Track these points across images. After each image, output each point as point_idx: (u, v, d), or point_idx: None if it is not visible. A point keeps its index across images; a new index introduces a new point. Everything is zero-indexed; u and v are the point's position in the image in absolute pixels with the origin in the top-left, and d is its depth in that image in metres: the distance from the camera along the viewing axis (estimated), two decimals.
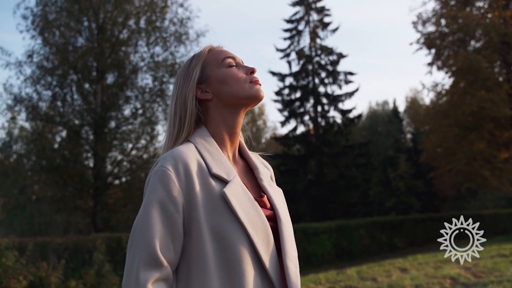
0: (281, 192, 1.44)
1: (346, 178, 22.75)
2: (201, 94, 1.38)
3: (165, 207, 1.18)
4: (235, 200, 1.22)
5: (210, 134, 1.36)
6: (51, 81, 16.13)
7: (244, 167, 1.43)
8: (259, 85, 1.39)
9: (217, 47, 1.47)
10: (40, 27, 16.01)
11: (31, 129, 17.39)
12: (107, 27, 16.32)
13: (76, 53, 16.07)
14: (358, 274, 8.09)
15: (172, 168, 1.21)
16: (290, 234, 1.32)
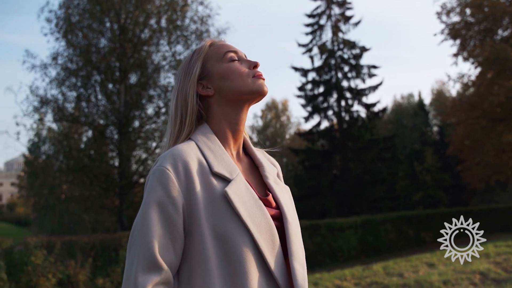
0: (288, 190, 1.40)
1: (372, 172, 22.51)
2: (202, 90, 1.34)
3: (164, 208, 1.15)
4: (237, 199, 1.18)
5: (213, 131, 1.32)
6: (75, 82, 16.38)
7: (249, 165, 1.38)
8: (262, 79, 1.33)
9: (219, 41, 1.43)
10: (64, 29, 16.25)
11: (58, 130, 17.73)
12: (128, 27, 16.48)
13: (99, 54, 16.28)
14: (384, 269, 7.98)
15: (171, 167, 1.17)
16: (297, 234, 1.28)
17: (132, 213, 16.50)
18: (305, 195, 23.35)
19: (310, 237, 14.67)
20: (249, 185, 1.24)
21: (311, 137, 24.19)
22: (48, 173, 21.94)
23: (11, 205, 53.52)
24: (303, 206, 23.25)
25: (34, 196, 31.42)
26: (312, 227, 14.80)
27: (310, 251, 14.35)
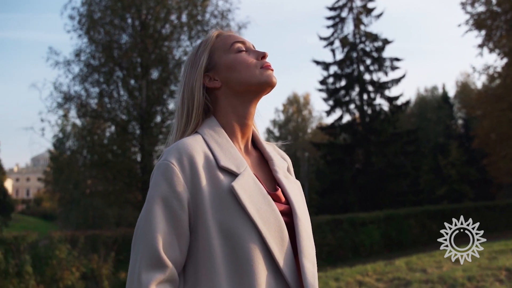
0: (298, 185, 1.35)
1: (395, 166, 22.25)
2: (209, 82, 1.30)
3: (168, 203, 1.11)
4: (244, 194, 1.14)
5: (220, 124, 1.28)
6: (98, 78, 16.60)
7: (258, 159, 1.34)
8: (271, 70, 1.29)
9: (226, 32, 1.38)
10: (86, 26, 16.45)
11: (82, 126, 18.00)
12: (150, 23, 16.58)
13: (121, 50, 16.44)
14: (407, 265, 7.87)
15: (176, 161, 1.14)
16: (307, 230, 1.24)
17: None
18: (327, 189, 23.23)
19: (332, 232, 14.59)
20: (257, 180, 1.21)
21: (333, 131, 24.01)
22: (73, 168, 22.32)
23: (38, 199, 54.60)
24: (325, 200, 23.16)
25: (59, 191, 31.97)
26: (334, 222, 14.72)
27: (332, 246, 14.28)
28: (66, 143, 28.36)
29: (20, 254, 9.88)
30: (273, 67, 1.30)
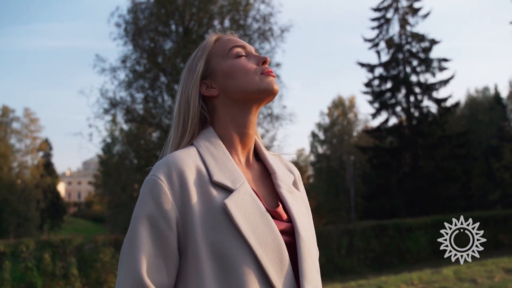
0: (304, 199, 1.25)
1: (444, 170, 21.55)
2: (206, 90, 1.21)
3: (155, 222, 1.02)
4: (238, 212, 1.04)
5: (218, 135, 1.19)
6: (143, 84, 16.94)
7: (260, 172, 1.23)
8: (272, 76, 1.18)
9: (226, 36, 1.28)
10: (132, 33, 16.85)
11: (128, 131, 18.42)
12: (193, 28, 16.80)
13: (165, 56, 16.72)
14: (455, 274, 7.54)
15: (165, 177, 1.05)
16: (310, 251, 1.13)
17: None
18: (373, 193, 22.80)
19: (377, 238, 14.25)
20: (255, 196, 1.11)
21: (379, 134, 23.58)
22: (121, 172, 22.87)
23: (88, 202, 56.54)
24: (370, 205, 22.72)
25: (108, 194, 32.87)
26: (379, 227, 14.37)
27: (377, 252, 13.96)
28: (114, 148, 29.20)
29: (66, 257, 10.17)
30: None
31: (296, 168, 1.34)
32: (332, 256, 13.13)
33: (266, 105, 7.75)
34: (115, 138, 29.51)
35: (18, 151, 36.83)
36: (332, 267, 12.85)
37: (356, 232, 13.86)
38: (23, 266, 9.80)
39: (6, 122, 36.55)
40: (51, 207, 38.00)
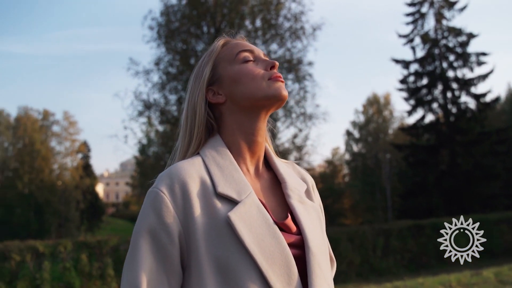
0: (317, 210, 1.19)
1: (483, 168, 20.89)
2: (212, 97, 1.17)
3: (156, 236, 1.00)
4: (243, 225, 1.01)
5: (225, 144, 1.15)
6: (176, 86, 17.15)
7: (270, 181, 1.19)
8: (280, 82, 1.14)
9: (234, 40, 1.24)
10: (164, 35, 17.08)
11: (162, 132, 18.70)
12: (224, 29, 16.89)
13: (197, 57, 16.89)
14: (496, 276, 7.28)
15: (167, 189, 1.02)
16: (321, 265, 1.07)
17: None
18: (409, 192, 22.35)
19: (414, 238, 13.96)
20: (263, 207, 1.06)
21: (415, 131, 23.12)
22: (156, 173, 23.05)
23: (126, 203, 57.64)
24: (407, 203, 22.28)
25: (145, 194, 33.39)
26: (415, 227, 14.07)
27: (414, 253, 13.68)
28: (150, 149, 29.65)
29: (102, 258, 10.36)
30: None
31: (310, 176, 1.29)
32: (368, 256, 12.93)
33: (299, 104, 7.63)
34: (150, 140, 29.97)
35: (58, 153, 37.85)
36: (367, 267, 12.66)
37: (392, 232, 13.60)
38: (61, 266, 10.05)
39: (47, 125, 37.68)
40: (90, 208, 38.89)
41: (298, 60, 17.03)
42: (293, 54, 17.19)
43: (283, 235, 1.05)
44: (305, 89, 17.06)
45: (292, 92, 17.14)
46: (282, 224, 1.07)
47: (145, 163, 29.75)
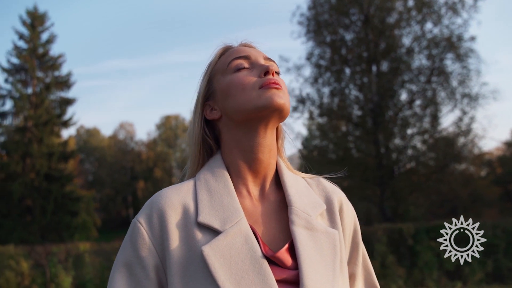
0: (332, 236, 0.99)
1: None
2: (210, 113, 1.08)
3: (132, 271, 0.94)
4: (219, 260, 0.89)
5: (225, 163, 1.05)
6: (328, 78, 17.10)
7: (277, 204, 1.04)
8: (274, 88, 1.00)
9: (234, 47, 1.13)
10: (313, 29, 17.14)
11: (317, 125, 18.83)
12: (374, 14, 16.32)
13: (347, 47, 16.61)
14: None
15: (145, 219, 0.96)
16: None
17: (393, 203, 16.22)
18: None
19: None
20: (252, 237, 0.93)
21: None
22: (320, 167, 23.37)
23: None
24: None
25: None
26: None
27: None
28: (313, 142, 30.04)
29: None
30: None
31: (340, 194, 1.11)
32: None
33: (462, 84, 6.93)
34: (312, 133, 30.32)
35: None
36: None
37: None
38: None
39: None
40: None
41: (458, 37, 15.64)
42: (453, 31, 15.84)
43: (274, 270, 0.91)
44: (468, 67, 15.59)
45: (453, 72, 15.82)
46: (274, 257, 0.93)
47: (309, 157, 30.23)
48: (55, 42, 21.64)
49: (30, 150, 19.47)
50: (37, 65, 20.89)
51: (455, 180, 17.37)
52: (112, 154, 41.81)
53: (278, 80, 1.02)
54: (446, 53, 15.72)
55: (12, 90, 20.48)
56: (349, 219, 1.09)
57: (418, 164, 16.47)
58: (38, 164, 19.51)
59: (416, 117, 16.23)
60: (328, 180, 1.15)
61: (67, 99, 21.48)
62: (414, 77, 16.16)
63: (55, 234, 19.37)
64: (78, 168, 33.51)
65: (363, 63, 16.50)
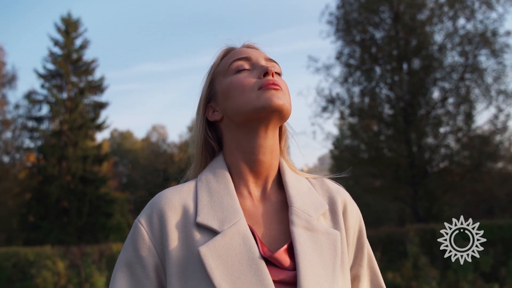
0: (333, 237, 0.99)
1: None
2: (212, 115, 1.10)
3: (133, 270, 0.96)
4: (216, 260, 0.90)
5: (227, 164, 1.06)
6: (359, 77, 16.93)
7: (279, 205, 1.04)
8: (273, 89, 1.00)
9: (237, 49, 1.13)
10: (343, 28, 17.01)
11: (349, 125, 18.64)
12: (405, 11, 16.08)
13: (377, 46, 16.41)
14: None
15: (145, 220, 0.98)
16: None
17: (426, 203, 15.91)
18: None
19: None
20: (251, 238, 0.94)
21: None
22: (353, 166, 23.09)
23: None
24: None
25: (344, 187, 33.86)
26: None
27: None
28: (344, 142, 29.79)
29: None
30: None
31: (345, 194, 1.11)
32: None
33: (497, 81, 6.81)
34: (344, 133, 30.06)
35: None
36: None
37: None
38: None
39: None
40: None
41: (492, 32, 15.24)
42: (487, 26, 15.44)
43: (272, 270, 0.91)
44: (504, 63, 15.17)
45: (488, 69, 15.42)
46: (272, 258, 0.93)
47: (340, 157, 30.01)
48: (88, 47, 22.02)
49: (66, 153, 19.90)
50: (72, 70, 21.35)
51: (492, 179, 16.94)
52: (145, 156, 42.41)
53: (277, 81, 1.02)
54: (480, 49, 15.36)
55: (48, 95, 20.99)
56: (353, 220, 1.08)
57: (452, 163, 16.11)
58: (74, 167, 19.93)
59: (449, 115, 15.90)
60: (333, 181, 1.15)
61: (100, 103, 21.88)
62: (446, 74, 15.84)
63: (91, 235, 19.75)
64: (112, 171, 34.13)
65: (393, 61, 16.27)
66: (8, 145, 23.10)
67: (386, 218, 24.40)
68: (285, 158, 1.13)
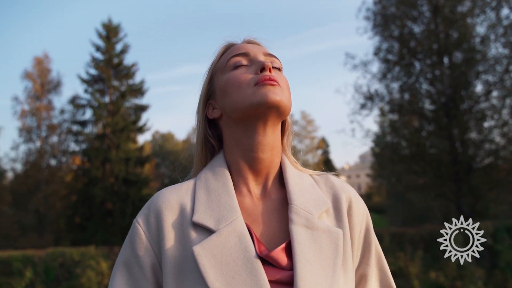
0: (335, 236, 0.96)
1: None
2: (211, 112, 1.09)
3: (130, 270, 0.96)
4: (210, 260, 0.89)
5: (227, 162, 1.05)
6: (398, 73, 16.59)
7: (279, 203, 1.02)
8: (270, 85, 0.98)
9: (236, 45, 1.12)
10: (380, 23, 16.71)
11: (389, 122, 18.31)
12: (445, 4, 15.65)
13: (416, 40, 16.05)
14: None
15: (143, 220, 0.98)
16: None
17: (471, 200, 15.44)
18: None
19: None
20: (247, 237, 0.92)
21: None
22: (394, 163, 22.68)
23: (368, 194, 58.28)
24: None
25: (386, 185, 33.43)
26: None
27: None
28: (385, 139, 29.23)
29: None
30: None
31: (351, 192, 1.08)
32: None
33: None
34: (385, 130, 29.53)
35: (299, 151, 40.55)
36: None
37: None
38: None
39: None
40: None
41: None
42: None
43: (269, 270, 0.90)
44: None
45: None
46: (268, 257, 0.91)
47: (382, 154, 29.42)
48: (128, 52, 22.53)
49: (109, 156, 20.41)
50: (113, 74, 21.87)
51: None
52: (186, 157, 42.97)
53: (275, 76, 1.01)
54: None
55: (91, 100, 21.59)
56: (359, 218, 1.05)
57: (498, 159, 15.56)
58: (117, 169, 20.42)
59: (494, 109, 15.35)
60: (338, 177, 1.13)
61: (141, 106, 22.34)
62: (490, 67, 15.30)
63: None
64: (154, 172, 34.73)
65: (433, 55, 15.84)
66: (54, 149, 23.87)
67: (429, 216, 23.84)
68: (287, 154, 1.11)
